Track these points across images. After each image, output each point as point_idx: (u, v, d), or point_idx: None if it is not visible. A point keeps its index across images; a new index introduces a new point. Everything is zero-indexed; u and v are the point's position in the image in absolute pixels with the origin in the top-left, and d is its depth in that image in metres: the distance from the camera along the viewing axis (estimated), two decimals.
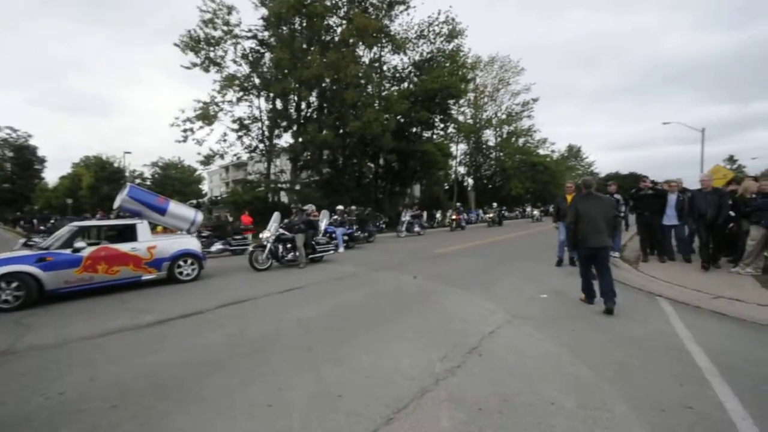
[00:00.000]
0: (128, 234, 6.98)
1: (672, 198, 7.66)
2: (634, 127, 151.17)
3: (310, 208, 10.65)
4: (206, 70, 21.34)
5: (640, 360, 3.22)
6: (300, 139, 22.03)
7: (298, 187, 23.00)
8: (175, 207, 7.84)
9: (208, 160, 22.61)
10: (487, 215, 25.98)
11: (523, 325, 4.21)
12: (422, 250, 12.01)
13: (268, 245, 8.74)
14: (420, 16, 63.17)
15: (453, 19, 26.54)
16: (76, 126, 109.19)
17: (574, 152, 62.91)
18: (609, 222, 4.74)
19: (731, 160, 64.94)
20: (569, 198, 7.94)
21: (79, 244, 6.23)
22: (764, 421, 2.30)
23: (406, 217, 19.01)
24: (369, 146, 24.95)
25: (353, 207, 16.95)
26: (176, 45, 20.52)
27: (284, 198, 24.59)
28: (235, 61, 22.19)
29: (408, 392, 2.76)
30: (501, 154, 42.36)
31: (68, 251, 6.16)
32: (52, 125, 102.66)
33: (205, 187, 62.49)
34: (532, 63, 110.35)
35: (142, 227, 7.07)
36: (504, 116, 42.39)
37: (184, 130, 20.96)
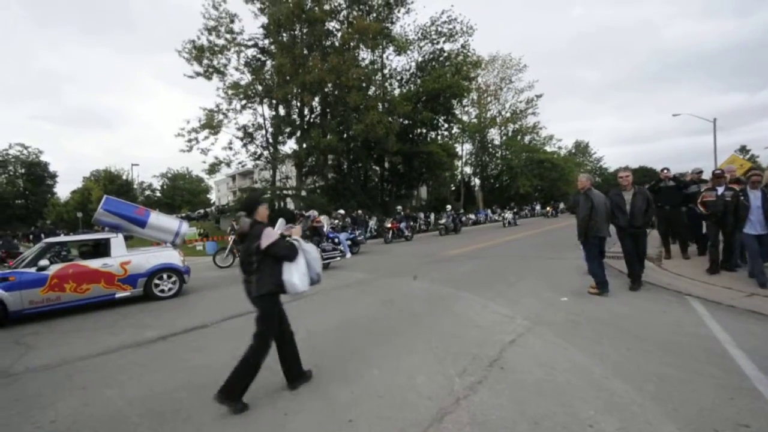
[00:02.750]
0: (101, 249, 6.67)
1: (756, 196, 5.38)
2: (643, 120, 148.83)
3: (313, 214, 10.40)
4: (209, 78, 21.43)
5: (680, 370, 2.91)
6: (304, 145, 21.94)
7: (303, 193, 22.90)
8: (156, 218, 7.45)
9: (213, 169, 22.65)
10: (440, 221, 20.09)
11: (546, 333, 3.92)
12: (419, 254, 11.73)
13: None
14: (423, 18, 62.86)
15: (455, 19, 26.36)
16: (83, 140, 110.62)
17: (581, 148, 61.93)
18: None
19: (744, 150, 63.38)
20: None
21: (42, 262, 5.86)
22: None
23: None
24: (373, 149, 24.77)
25: (341, 212, 15.45)
26: (179, 53, 20.64)
27: (291, 205, 24.51)
28: (237, 69, 22.26)
29: (426, 414, 2.49)
30: (507, 152, 41.79)
31: (33, 270, 5.81)
32: (61, 140, 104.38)
33: (213, 196, 62.96)
34: (535, 60, 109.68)
35: (117, 242, 6.67)
36: (508, 114, 41.87)
37: (189, 140, 21.05)
